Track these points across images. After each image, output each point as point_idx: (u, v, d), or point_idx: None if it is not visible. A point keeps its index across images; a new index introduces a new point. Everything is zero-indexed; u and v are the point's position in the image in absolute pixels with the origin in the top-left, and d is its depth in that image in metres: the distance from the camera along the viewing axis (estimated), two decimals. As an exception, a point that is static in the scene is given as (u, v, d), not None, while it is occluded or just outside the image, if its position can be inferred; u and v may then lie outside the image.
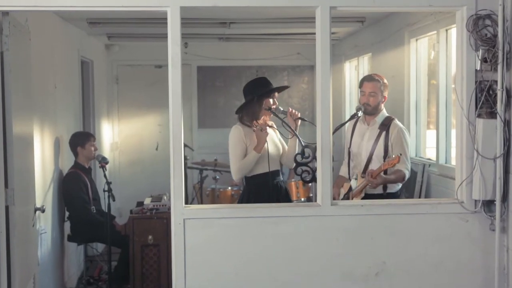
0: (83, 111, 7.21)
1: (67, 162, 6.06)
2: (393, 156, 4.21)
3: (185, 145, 8.09)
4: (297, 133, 4.44)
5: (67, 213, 5.92)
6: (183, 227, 3.65)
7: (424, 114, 5.89)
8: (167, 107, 9.26)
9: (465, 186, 3.73)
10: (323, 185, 3.70)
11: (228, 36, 7.67)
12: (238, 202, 4.72)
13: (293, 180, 6.99)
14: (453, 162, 5.14)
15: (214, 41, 7.93)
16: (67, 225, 5.96)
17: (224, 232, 3.67)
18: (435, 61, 5.45)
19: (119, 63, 8.91)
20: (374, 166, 4.41)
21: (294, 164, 4.19)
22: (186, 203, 7.97)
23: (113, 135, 8.92)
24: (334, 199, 4.54)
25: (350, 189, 4.55)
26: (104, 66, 8.62)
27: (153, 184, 8.53)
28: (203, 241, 3.65)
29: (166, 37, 8.18)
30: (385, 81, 4.57)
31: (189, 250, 3.63)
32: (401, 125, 4.54)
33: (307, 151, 4.20)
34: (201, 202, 7.75)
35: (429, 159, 5.67)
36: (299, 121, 4.52)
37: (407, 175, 4.43)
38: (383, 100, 4.55)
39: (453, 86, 5.14)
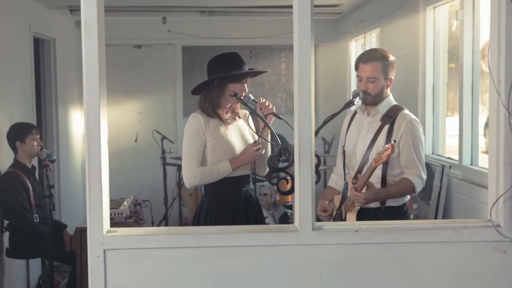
0: (41, 98, 6.19)
1: (9, 159, 5.01)
2: (386, 145, 3.09)
3: (163, 137, 7.16)
4: (264, 132, 3.47)
5: (6, 222, 4.89)
6: (103, 262, 2.64)
7: (443, 101, 4.90)
8: (148, 93, 8.28)
9: (503, 203, 2.70)
10: (301, 201, 2.65)
11: (211, 9, 6.62)
12: (194, 219, 3.65)
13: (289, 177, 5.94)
14: (481, 163, 4.09)
15: (195, 15, 6.86)
16: (7, 236, 4.93)
17: (161, 268, 2.64)
18: (458, 33, 4.42)
19: (92, 42, 7.82)
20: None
21: (268, 170, 3.16)
22: (166, 204, 7.14)
23: (86, 125, 7.87)
24: (318, 220, 3.52)
25: (343, 202, 3.46)
26: (73, 46, 7.55)
27: (131, 181, 7.62)
28: (131, 281, 2.63)
29: (145, 11, 7.12)
30: (391, 58, 3.42)
31: (112, 293, 2.60)
32: (412, 116, 3.42)
33: (285, 153, 3.15)
34: (180, 204, 6.76)
35: (450, 157, 4.57)
36: (272, 117, 3.47)
37: (419, 186, 3.33)
38: (389, 83, 3.43)
39: (482, 66, 4.06)
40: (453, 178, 4.34)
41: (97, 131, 2.64)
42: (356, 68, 3.44)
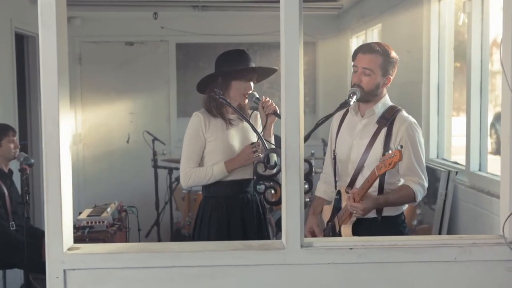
0: (26, 98, 5.90)
1: (-15, 163, 4.71)
2: (390, 152, 2.79)
3: (155, 139, 6.86)
4: (263, 133, 3.23)
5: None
6: (63, 283, 2.34)
7: (448, 101, 4.63)
8: (140, 92, 7.91)
9: (517, 217, 2.41)
10: (288, 215, 2.36)
11: (204, 3, 6.29)
12: (196, 220, 3.43)
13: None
14: (490, 169, 3.78)
15: (187, 10, 6.56)
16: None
17: (129, 291, 2.34)
18: (466, 28, 4.15)
19: (82, 39, 7.53)
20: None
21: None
22: (157, 208, 6.84)
23: (76, 125, 7.58)
24: (313, 235, 3.21)
25: (335, 214, 3.13)
26: (62, 43, 7.25)
27: (123, 182, 7.33)
28: (95, 305, 2.33)
29: (135, 5, 6.80)
30: (393, 54, 3.10)
31: (73, 319, 2.32)
32: (411, 119, 3.10)
33: (273, 158, 2.86)
34: (171, 209, 6.44)
35: (456, 162, 4.25)
36: (275, 117, 3.25)
37: (420, 194, 3.02)
38: (386, 82, 3.09)
39: (490, 67, 3.75)
40: (459, 185, 4.03)
41: (55, 136, 2.32)
42: (354, 58, 3.13)
